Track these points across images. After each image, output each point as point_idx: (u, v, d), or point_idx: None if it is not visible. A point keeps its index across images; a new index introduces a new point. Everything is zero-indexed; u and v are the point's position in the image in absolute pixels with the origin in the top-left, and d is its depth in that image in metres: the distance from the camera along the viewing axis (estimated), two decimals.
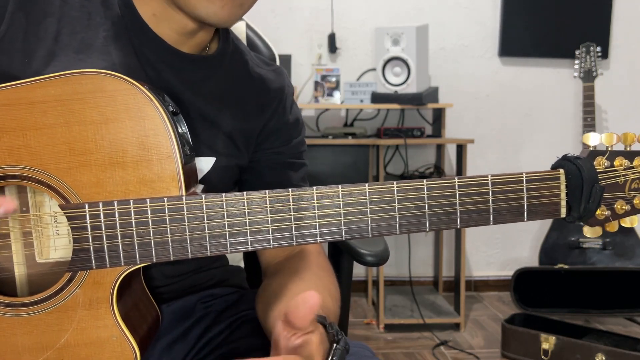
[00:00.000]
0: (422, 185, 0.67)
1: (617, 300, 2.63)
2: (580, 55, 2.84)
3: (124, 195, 0.68)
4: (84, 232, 0.67)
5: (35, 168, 0.68)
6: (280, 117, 0.95)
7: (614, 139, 0.70)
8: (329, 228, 0.67)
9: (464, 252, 2.77)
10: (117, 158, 0.68)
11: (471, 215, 0.68)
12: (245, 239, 0.67)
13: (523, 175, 0.69)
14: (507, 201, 0.69)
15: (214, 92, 0.87)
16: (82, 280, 0.68)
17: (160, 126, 0.68)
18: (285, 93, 0.97)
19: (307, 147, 1.01)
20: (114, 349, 0.69)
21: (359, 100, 2.89)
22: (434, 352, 2.48)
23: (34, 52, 0.76)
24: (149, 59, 0.81)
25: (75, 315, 0.69)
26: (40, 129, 0.68)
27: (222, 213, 0.66)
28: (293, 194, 0.66)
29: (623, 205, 0.71)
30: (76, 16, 0.80)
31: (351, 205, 0.67)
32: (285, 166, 0.96)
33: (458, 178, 0.68)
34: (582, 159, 0.70)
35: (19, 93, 0.68)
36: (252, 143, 0.93)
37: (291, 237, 0.67)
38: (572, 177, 0.70)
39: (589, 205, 0.70)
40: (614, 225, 0.73)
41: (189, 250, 0.67)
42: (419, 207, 0.67)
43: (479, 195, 0.68)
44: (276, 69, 0.98)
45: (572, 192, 0.70)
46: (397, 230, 0.67)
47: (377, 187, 0.67)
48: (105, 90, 0.67)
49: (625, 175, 0.71)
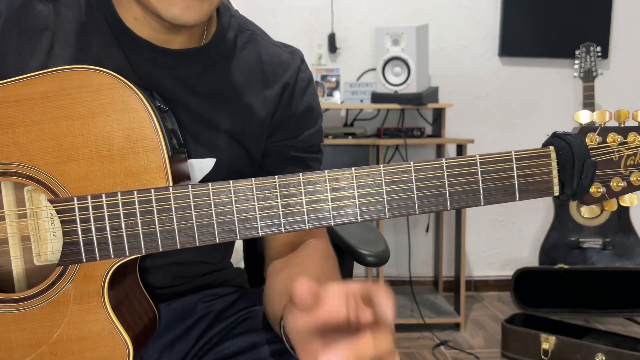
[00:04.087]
0: (409, 167, 0.66)
1: (617, 300, 2.62)
2: (580, 55, 2.84)
3: (111, 188, 0.68)
4: (73, 226, 0.67)
5: (25, 164, 0.69)
6: (289, 106, 0.91)
7: (607, 116, 0.69)
8: (316, 214, 0.67)
9: (464, 252, 2.77)
10: (103, 151, 0.68)
11: (461, 196, 0.67)
12: (233, 227, 0.67)
13: (512, 154, 0.68)
14: (497, 180, 0.67)
15: (212, 88, 0.85)
16: (73, 274, 0.69)
17: (145, 118, 0.69)
18: (297, 78, 0.92)
19: (323, 139, 0.96)
20: (106, 343, 0.69)
21: (359, 100, 2.89)
22: (434, 352, 2.48)
23: (27, 65, 0.77)
24: (139, 63, 0.81)
25: (67, 309, 0.69)
26: (28, 125, 0.69)
27: (209, 202, 0.66)
28: (280, 180, 0.66)
29: (619, 182, 0.70)
30: (70, 28, 0.80)
31: (338, 191, 0.66)
32: (293, 161, 0.92)
33: (446, 159, 0.67)
34: (573, 135, 0.69)
35: (7, 91, 0.69)
36: (263, 135, 0.90)
37: (280, 224, 0.67)
38: (563, 153, 0.68)
39: (582, 181, 0.68)
40: (612, 204, 0.71)
41: (178, 241, 0.67)
42: (407, 189, 0.66)
43: (468, 176, 0.67)
44: (293, 51, 0.94)
45: (563, 169, 0.68)
46: (386, 214, 0.67)
47: (364, 171, 0.66)
48: (90, 85, 0.68)
49: (620, 151, 0.69)
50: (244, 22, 0.92)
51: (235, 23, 0.90)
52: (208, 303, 0.93)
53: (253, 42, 0.91)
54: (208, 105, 0.85)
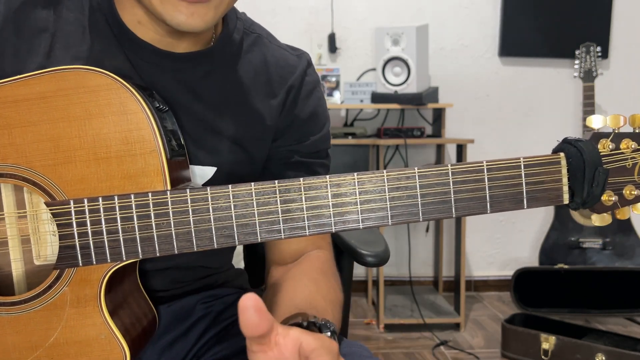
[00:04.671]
0: (413, 173, 0.64)
1: (617, 300, 2.62)
2: (580, 55, 2.83)
3: (109, 190, 0.67)
4: (69, 229, 0.66)
5: (21, 166, 0.68)
6: (293, 109, 0.89)
7: (621, 121, 0.66)
8: (317, 220, 0.65)
9: (464, 252, 2.77)
10: (100, 153, 0.68)
11: (467, 203, 0.65)
12: (232, 232, 0.66)
13: (521, 160, 0.65)
14: (505, 188, 0.65)
15: (216, 92, 0.84)
16: (69, 277, 0.68)
17: (143, 120, 0.68)
18: (303, 81, 0.90)
19: (330, 145, 0.94)
20: (103, 347, 0.69)
21: (359, 100, 2.89)
22: (434, 352, 2.48)
23: (25, 66, 0.76)
24: (141, 65, 0.80)
25: (64, 313, 0.68)
26: (25, 126, 0.68)
27: (208, 207, 0.65)
28: (280, 185, 0.65)
29: (632, 190, 0.67)
30: (70, 30, 0.79)
31: (340, 196, 0.65)
32: (298, 166, 0.91)
33: (451, 165, 0.64)
34: (584, 141, 0.66)
35: (4, 92, 0.68)
36: (267, 141, 0.89)
37: (279, 230, 0.65)
38: (574, 161, 0.65)
39: (592, 190, 0.65)
40: (625, 212, 0.68)
41: (175, 246, 0.66)
42: (411, 196, 0.64)
43: (475, 182, 0.65)
44: (300, 54, 0.93)
45: (574, 176, 0.66)
46: (389, 221, 0.65)
47: (367, 177, 0.65)
48: (87, 86, 0.67)
49: (634, 158, 0.67)
50: (250, 25, 0.91)
51: (241, 25, 0.89)
52: (207, 304, 0.93)
53: (259, 44, 0.90)
54: (211, 109, 0.84)
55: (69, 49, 0.78)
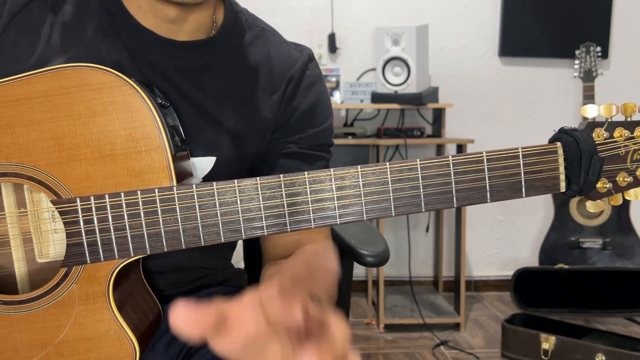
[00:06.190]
0: (415, 165, 0.66)
1: (617, 300, 2.62)
2: (580, 55, 2.83)
3: (114, 188, 0.68)
4: (76, 227, 0.66)
5: (26, 165, 0.68)
6: (292, 100, 0.89)
7: (613, 110, 0.68)
8: (322, 213, 0.66)
9: (464, 252, 2.77)
10: (105, 151, 0.68)
11: (468, 193, 0.67)
12: (238, 226, 0.66)
13: (519, 150, 0.67)
14: (504, 177, 0.67)
15: (217, 83, 0.84)
16: (77, 275, 0.68)
17: (147, 117, 0.68)
18: (304, 74, 0.90)
19: (332, 140, 0.93)
20: (112, 343, 0.69)
21: (359, 100, 2.89)
22: (434, 352, 2.48)
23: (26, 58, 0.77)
24: (141, 52, 0.80)
25: (73, 310, 0.69)
26: (28, 125, 0.68)
27: (214, 202, 0.66)
28: (285, 179, 0.65)
29: (625, 177, 0.69)
30: (68, 21, 0.80)
31: (344, 189, 0.66)
32: (297, 158, 0.90)
33: (452, 156, 0.66)
34: (580, 131, 0.68)
35: (6, 91, 0.68)
36: (267, 133, 0.88)
37: (285, 223, 0.66)
38: (570, 150, 0.68)
39: (588, 178, 0.68)
40: (618, 199, 0.71)
41: (182, 241, 0.66)
42: (413, 187, 0.66)
43: (475, 173, 0.67)
44: (302, 49, 0.92)
45: (570, 165, 0.68)
46: (392, 212, 0.66)
47: (370, 169, 0.66)
48: (90, 84, 0.67)
49: (627, 146, 0.69)
50: (253, 19, 0.91)
51: (243, 18, 0.89)
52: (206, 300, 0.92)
53: (262, 38, 0.90)
54: (212, 100, 0.84)
55: (67, 37, 0.78)
